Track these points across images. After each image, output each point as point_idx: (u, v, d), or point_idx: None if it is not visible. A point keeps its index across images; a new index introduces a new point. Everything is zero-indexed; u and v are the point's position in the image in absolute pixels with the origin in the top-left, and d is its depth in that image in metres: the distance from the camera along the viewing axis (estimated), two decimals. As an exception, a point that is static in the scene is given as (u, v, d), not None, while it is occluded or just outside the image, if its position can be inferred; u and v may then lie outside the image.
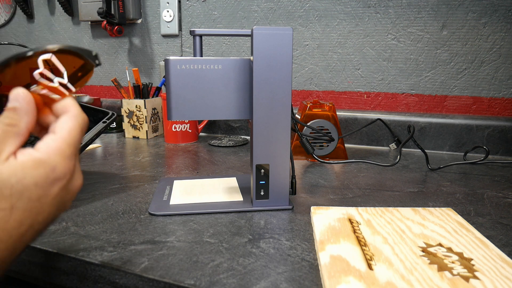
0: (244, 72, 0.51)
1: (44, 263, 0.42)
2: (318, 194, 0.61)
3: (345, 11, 0.99)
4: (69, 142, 0.32)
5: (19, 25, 1.44)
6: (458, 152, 0.91)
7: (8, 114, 0.31)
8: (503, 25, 0.88)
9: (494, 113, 0.92)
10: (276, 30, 0.48)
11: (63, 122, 0.32)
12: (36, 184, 0.29)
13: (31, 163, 0.29)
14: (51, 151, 0.30)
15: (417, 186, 0.65)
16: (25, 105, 0.31)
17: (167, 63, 0.49)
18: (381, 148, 0.97)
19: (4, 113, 0.31)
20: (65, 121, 0.32)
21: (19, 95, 0.32)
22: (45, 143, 0.31)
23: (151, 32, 1.22)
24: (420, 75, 0.96)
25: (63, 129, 0.32)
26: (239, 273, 0.37)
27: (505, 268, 0.37)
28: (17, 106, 0.31)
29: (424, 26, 0.93)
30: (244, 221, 0.50)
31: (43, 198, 0.30)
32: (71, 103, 0.33)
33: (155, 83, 1.24)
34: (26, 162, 0.29)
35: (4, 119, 0.31)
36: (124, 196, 0.59)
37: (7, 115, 0.31)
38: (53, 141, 0.31)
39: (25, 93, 0.32)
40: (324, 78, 1.05)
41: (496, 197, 0.60)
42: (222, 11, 1.11)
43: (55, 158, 0.30)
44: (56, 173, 0.30)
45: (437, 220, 0.49)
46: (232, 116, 0.52)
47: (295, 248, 0.43)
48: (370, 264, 0.37)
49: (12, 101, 0.31)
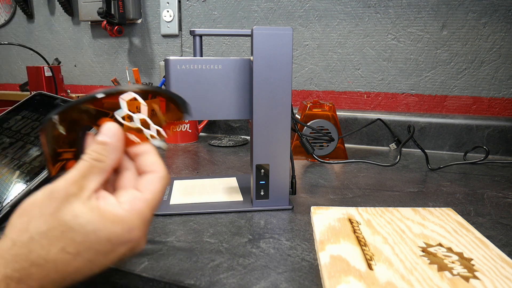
0: (244, 72, 0.51)
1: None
2: (318, 194, 0.61)
3: (345, 11, 0.99)
4: (151, 206, 0.30)
5: (19, 25, 1.44)
6: (458, 152, 0.91)
7: (97, 148, 0.30)
8: (503, 25, 0.88)
9: (494, 113, 0.92)
10: (276, 30, 0.48)
11: (151, 182, 0.31)
12: (109, 240, 0.28)
13: (112, 216, 0.28)
14: (133, 212, 0.29)
15: (417, 186, 0.65)
16: (115, 142, 0.30)
17: (167, 63, 0.49)
18: (381, 148, 0.97)
19: (93, 146, 0.30)
20: (152, 182, 0.31)
21: (111, 130, 0.30)
22: (129, 200, 0.29)
23: (151, 32, 1.22)
24: (420, 75, 0.96)
25: (149, 191, 0.30)
26: (239, 273, 0.37)
27: (505, 268, 0.37)
28: (108, 141, 0.30)
29: (424, 26, 0.93)
30: (244, 221, 0.50)
31: (109, 254, 0.28)
32: (159, 162, 0.32)
33: (155, 83, 1.24)
34: (107, 213, 0.28)
35: (92, 153, 0.30)
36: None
37: (96, 149, 0.30)
38: (138, 201, 0.30)
39: (117, 129, 0.30)
40: (324, 78, 1.05)
41: (496, 197, 0.60)
42: (222, 11, 1.11)
43: (135, 220, 0.29)
44: (131, 235, 0.29)
45: (437, 220, 0.49)
46: (232, 116, 0.52)
47: (295, 248, 0.43)
48: (370, 264, 0.37)
49: (103, 135, 0.30)
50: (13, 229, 0.27)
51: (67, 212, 0.27)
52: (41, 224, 0.26)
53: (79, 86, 1.39)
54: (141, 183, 0.31)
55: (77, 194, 0.28)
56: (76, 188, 0.28)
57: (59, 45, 1.38)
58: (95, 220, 0.27)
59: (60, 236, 0.26)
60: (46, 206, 0.27)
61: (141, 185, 0.31)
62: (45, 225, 0.26)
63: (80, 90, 1.39)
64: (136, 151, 0.32)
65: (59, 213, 0.27)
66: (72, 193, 0.27)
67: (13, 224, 0.27)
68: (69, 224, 0.27)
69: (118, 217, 0.28)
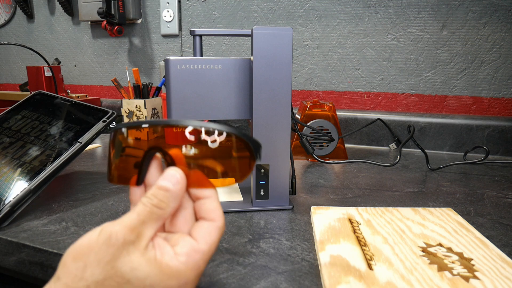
0: (244, 72, 0.51)
1: (44, 263, 0.42)
2: (318, 194, 0.61)
3: (345, 11, 0.99)
4: (207, 258, 0.29)
5: (19, 25, 1.44)
6: (458, 152, 0.91)
7: (158, 194, 0.28)
8: (503, 25, 0.88)
9: (494, 113, 0.92)
10: (276, 30, 0.48)
11: (208, 233, 0.29)
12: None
13: (168, 270, 0.27)
14: (190, 265, 0.28)
15: (417, 186, 0.65)
16: (178, 190, 0.29)
17: (167, 63, 0.49)
18: (381, 148, 0.97)
19: (155, 191, 0.28)
20: (210, 233, 0.29)
21: (175, 177, 0.29)
22: (186, 253, 0.28)
23: (151, 32, 1.22)
24: (420, 75, 0.96)
25: (205, 242, 0.29)
26: (239, 273, 0.37)
27: (505, 268, 0.37)
28: (171, 188, 0.28)
29: (424, 26, 0.93)
30: (244, 221, 0.50)
31: None
32: (220, 210, 0.30)
33: (155, 83, 1.24)
34: (164, 266, 0.27)
35: (153, 198, 0.28)
36: (124, 196, 0.59)
37: (158, 194, 0.28)
38: (194, 253, 0.28)
39: (182, 177, 0.29)
40: (324, 78, 1.05)
41: (496, 197, 0.60)
42: (222, 11, 1.11)
43: (191, 273, 0.28)
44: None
45: (437, 220, 0.49)
46: (232, 116, 0.52)
47: (295, 248, 0.43)
48: (370, 264, 0.37)
49: (166, 181, 0.29)
50: (67, 273, 0.26)
51: (125, 263, 0.26)
52: (98, 272, 0.26)
53: (79, 86, 1.39)
54: (198, 231, 0.30)
55: (135, 242, 0.27)
56: (134, 235, 0.27)
57: (59, 45, 1.38)
58: (152, 274, 0.27)
59: (116, 287, 0.26)
60: (104, 253, 0.26)
61: (198, 233, 0.29)
62: (102, 274, 0.26)
63: (80, 90, 1.39)
64: (198, 193, 0.30)
65: (116, 263, 0.26)
66: (130, 241, 0.27)
67: (66, 267, 0.26)
68: (127, 277, 0.26)
69: (175, 271, 0.27)
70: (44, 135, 0.58)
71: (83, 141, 0.57)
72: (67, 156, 0.54)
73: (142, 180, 0.31)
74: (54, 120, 0.61)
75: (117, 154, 0.31)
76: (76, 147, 0.56)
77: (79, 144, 0.56)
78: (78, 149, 0.56)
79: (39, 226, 0.48)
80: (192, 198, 0.31)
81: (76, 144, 0.56)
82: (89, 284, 0.25)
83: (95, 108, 0.63)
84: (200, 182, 0.30)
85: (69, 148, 0.55)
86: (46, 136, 0.58)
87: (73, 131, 0.58)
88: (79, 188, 0.62)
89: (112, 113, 0.62)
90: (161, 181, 0.29)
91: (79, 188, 0.62)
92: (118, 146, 0.31)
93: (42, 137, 0.58)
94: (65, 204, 0.55)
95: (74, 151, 0.55)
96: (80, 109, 0.63)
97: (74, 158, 0.55)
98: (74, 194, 0.59)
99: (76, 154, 0.56)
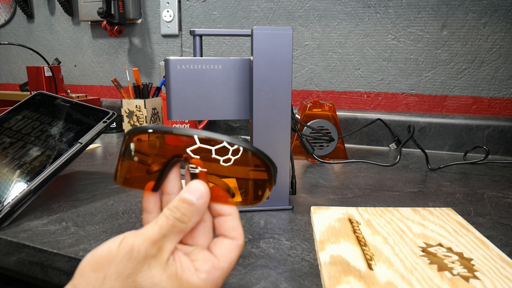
0: (244, 72, 0.51)
1: (44, 263, 0.42)
2: (318, 194, 0.61)
3: (345, 11, 0.99)
4: (225, 275, 0.29)
5: (19, 25, 1.44)
6: (458, 152, 0.91)
7: (181, 207, 0.28)
8: (503, 25, 0.88)
9: (494, 113, 0.92)
10: (276, 30, 0.48)
11: (229, 250, 0.29)
12: None
13: (187, 285, 0.27)
14: (209, 283, 0.28)
15: (417, 186, 0.65)
16: (201, 205, 0.28)
17: (167, 63, 0.49)
18: (381, 148, 0.97)
19: (178, 204, 0.28)
20: (230, 251, 0.29)
21: (200, 190, 0.28)
22: (207, 270, 0.28)
23: (151, 32, 1.22)
24: (420, 75, 0.96)
25: (225, 259, 0.29)
26: (239, 273, 0.37)
27: (505, 268, 0.37)
28: (195, 202, 0.28)
29: (424, 26, 0.93)
30: (244, 221, 0.50)
31: None
32: (241, 229, 0.30)
33: (155, 83, 1.24)
34: (184, 282, 0.27)
35: (175, 211, 0.28)
36: (124, 196, 0.59)
37: (181, 208, 0.28)
38: (214, 271, 0.28)
39: (206, 191, 0.28)
40: (324, 78, 1.05)
41: (496, 197, 0.60)
42: (222, 11, 1.11)
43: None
44: None
45: (437, 220, 0.49)
46: (232, 116, 0.52)
47: (295, 248, 0.43)
48: (370, 264, 0.37)
49: (190, 194, 0.28)
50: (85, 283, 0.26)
51: (146, 278, 0.26)
52: (117, 285, 0.25)
53: (79, 86, 1.39)
54: (219, 248, 0.29)
55: (157, 256, 0.26)
56: (156, 249, 0.26)
57: (59, 45, 1.38)
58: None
59: None
60: (124, 266, 0.25)
61: (218, 250, 0.29)
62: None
63: (80, 90, 1.39)
64: (219, 209, 0.30)
65: (137, 277, 0.26)
66: (152, 255, 0.26)
67: (85, 276, 0.26)
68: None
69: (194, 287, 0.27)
70: (45, 135, 0.58)
71: (84, 141, 0.57)
72: (67, 156, 0.54)
73: (159, 187, 0.30)
74: (55, 120, 0.61)
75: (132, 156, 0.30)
76: (76, 147, 0.56)
77: (80, 145, 0.56)
78: (79, 150, 0.56)
79: (39, 226, 0.48)
80: (212, 213, 0.31)
81: (76, 145, 0.56)
82: None
83: (96, 109, 0.63)
84: (221, 198, 0.30)
85: (69, 149, 0.55)
86: (46, 137, 0.58)
87: (73, 131, 0.59)
88: (79, 188, 0.62)
89: (113, 113, 0.62)
90: (185, 193, 0.28)
91: (79, 188, 0.62)
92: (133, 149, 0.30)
93: (43, 138, 0.58)
94: (65, 204, 0.55)
95: (75, 152, 0.55)
96: (80, 110, 0.63)
97: (75, 158, 0.55)
98: (74, 194, 0.59)
99: (76, 155, 0.56)
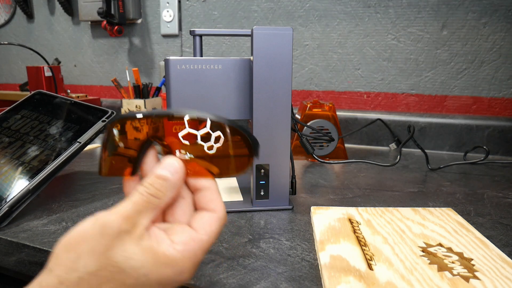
0: (244, 72, 0.51)
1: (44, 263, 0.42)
2: (318, 194, 0.61)
3: (345, 11, 0.99)
4: (205, 248, 0.28)
5: (19, 25, 1.44)
6: (458, 152, 0.91)
7: (155, 182, 0.28)
8: (503, 25, 0.88)
9: (494, 113, 0.92)
10: (276, 30, 0.48)
11: (208, 223, 0.29)
12: (159, 283, 0.26)
13: (164, 259, 0.26)
14: (186, 253, 0.27)
15: (417, 186, 0.65)
16: (176, 180, 0.28)
17: (167, 63, 0.49)
18: (381, 148, 0.97)
19: (152, 180, 0.28)
20: (209, 223, 0.29)
21: (174, 165, 0.28)
22: (184, 241, 0.27)
23: (151, 32, 1.22)
24: (420, 75, 0.96)
25: (205, 232, 0.28)
26: (239, 273, 0.37)
27: (505, 268, 0.37)
28: (169, 177, 0.28)
29: (424, 26, 0.93)
30: (244, 221, 0.50)
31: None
32: (220, 201, 0.30)
33: (155, 83, 1.24)
34: (160, 255, 0.26)
35: (149, 187, 0.27)
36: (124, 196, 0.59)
37: (155, 183, 0.28)
38: (192, 242, 0.28)
39: (180, 166, 0.28)
40: (324, 78, 1.05)
41: (496, 197, 0.60)
42: (222, 11, 1.11)
43: (187, 263, 0.27)
44: (181, 277, 0.27)
45: (437, 220, 0.49)
46: (232, 116, 0.52)
47: (295, 248, 0.43)
48: (370, 264, 0.37)
49: (164, 170, 0.28)
50: (59, 265, 0.25)
51: (119, 252, 0.25)
52: (91, 263, 0.25)
53: (79, 86, 1.39)
54: (197, 221, 0.29)
55: (130, 231, 0.26)
56: (130, 225, 0.26)
57: (59, 45, 1.38)
58: (147, 263, 0.26)
59: (110, 277, 0.25)
60: (97, 243, 0.25)
61: (197, 223, 0.29)
62: (96, 265, 0.25)
63: (80, 90, 1.39)
64: (197, 184, 0.30)
65: (110, 252, 0.25)
66: (125, 230, 0.26)
67: (59, 258, 0.26)
68: (121, 266, 0.25)
69: (171, 259, 0.27)
70: (44, 134, 0.58)
71: (83, 141, 0.57)
72: (67, 156, 0.54)
73: (136, 171, 0.30)
74: (54, 119, 0.61)
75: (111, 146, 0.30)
76: (75, 147, 0.56)
77: (79, 144, 0.56)
78: (78, 149, 0.56)
79: (39, 226, 0.48)
80: (191, 189, 0.31)
81: (75, 144, 0.56)
82: (82, 275, 0.25)
83: (95, 108, 0.63)
84: (198, 172, 0.30)
85: (68, 148, 0.55)
86: (45, 136, 0.58)
87: (72, 130, 0.58)
88: (79, 188, 0.62)
89: (112, 112, 0.62)
90: (159, 170, 0.28)
91: (79, 188, 0.62)
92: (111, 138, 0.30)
93: (42, 137, 0.57)
94: (65, 204, 0.55)
95: (74, 151, 0.55)
96: (79, 109, 0.63)
97: (74, 158, 0.55)
98: (74, 194, 0.59)
99: (75, 154, 0.55)
